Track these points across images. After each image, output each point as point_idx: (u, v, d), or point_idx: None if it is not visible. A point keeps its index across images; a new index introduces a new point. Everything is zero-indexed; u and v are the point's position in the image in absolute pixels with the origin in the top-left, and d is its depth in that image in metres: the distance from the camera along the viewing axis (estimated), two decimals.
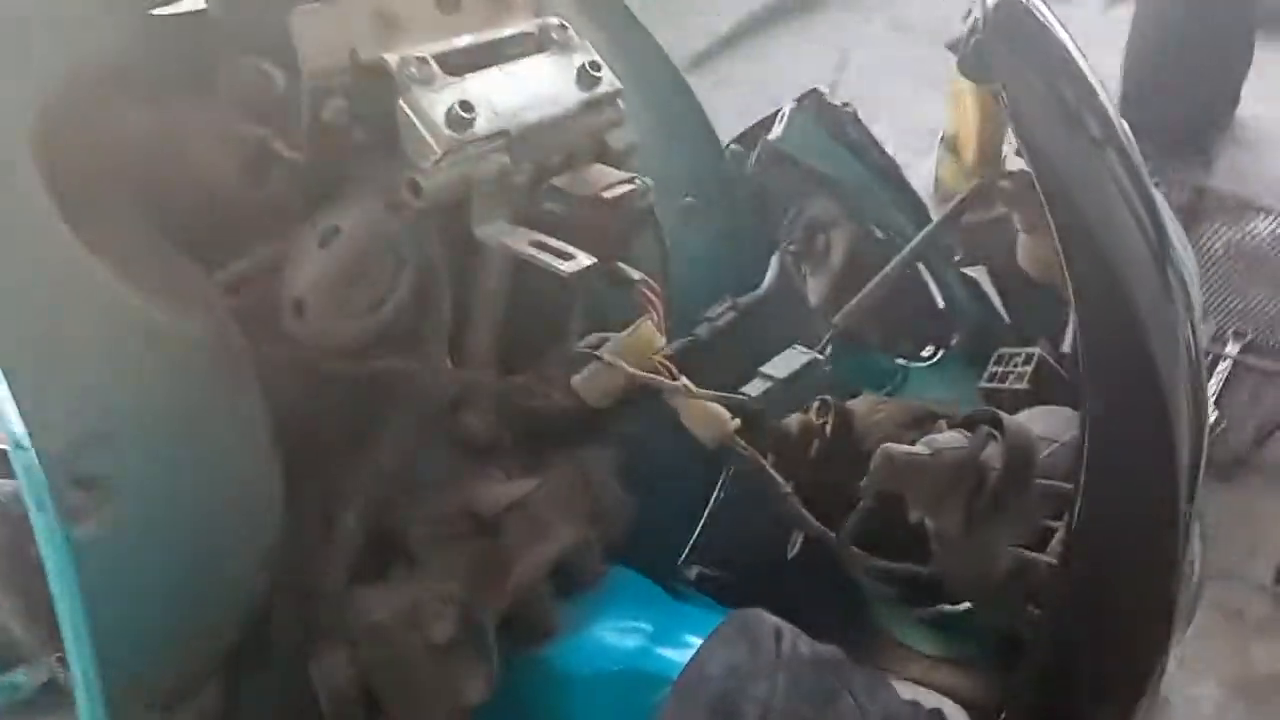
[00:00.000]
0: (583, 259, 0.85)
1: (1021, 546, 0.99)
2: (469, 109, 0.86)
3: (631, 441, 1.14)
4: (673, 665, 0.94)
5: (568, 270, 0.84)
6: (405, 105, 0.86)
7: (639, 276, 1.01)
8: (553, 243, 0.88)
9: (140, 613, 0.82)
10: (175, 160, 0.88)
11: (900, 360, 1.38)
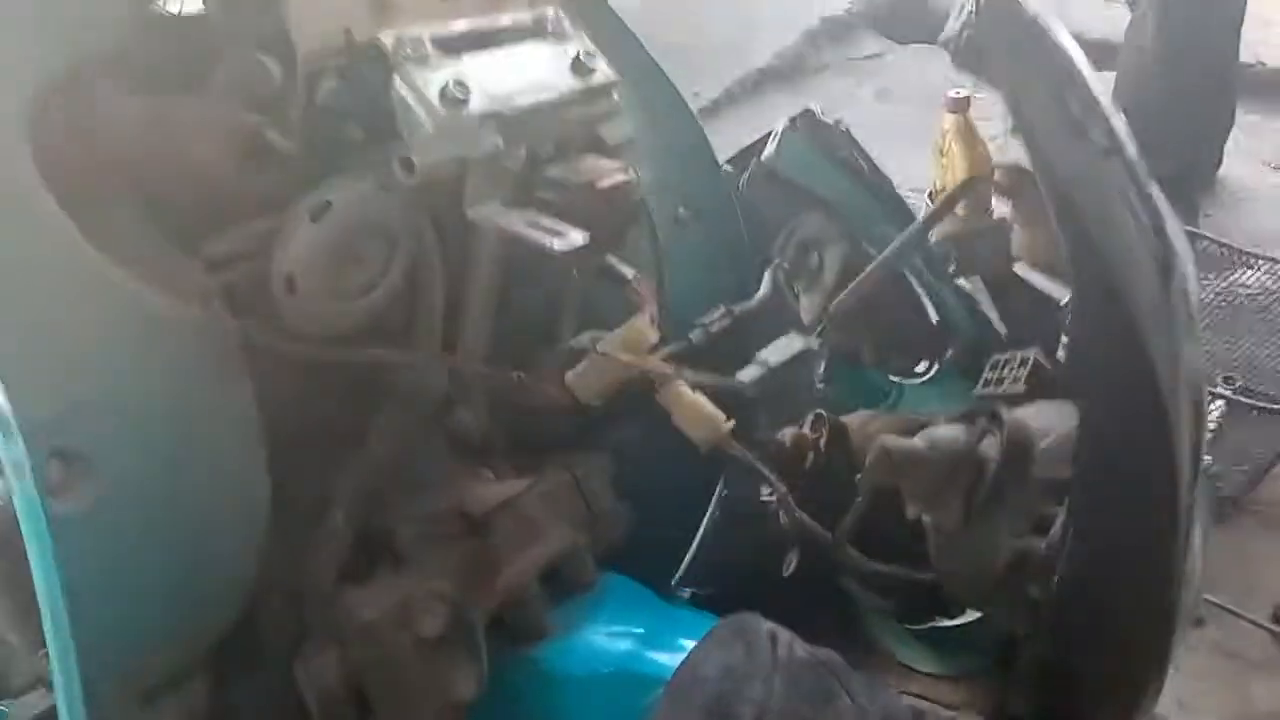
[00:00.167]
0: (575, 236, 0.84)
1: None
2: (463, 88, 0.87)
3: (624, 451, 1.13)
4: (665, 667, 0.92)
5: (559, 247, 0.84)
6: (400, 82, 0.86)
7: (632, 274, 1.01)
8: (545, 221, 0.87)
9: (119, 594, 0.80)
10: (169, 149, 0.87)
11: (894, 378, 1.38)
